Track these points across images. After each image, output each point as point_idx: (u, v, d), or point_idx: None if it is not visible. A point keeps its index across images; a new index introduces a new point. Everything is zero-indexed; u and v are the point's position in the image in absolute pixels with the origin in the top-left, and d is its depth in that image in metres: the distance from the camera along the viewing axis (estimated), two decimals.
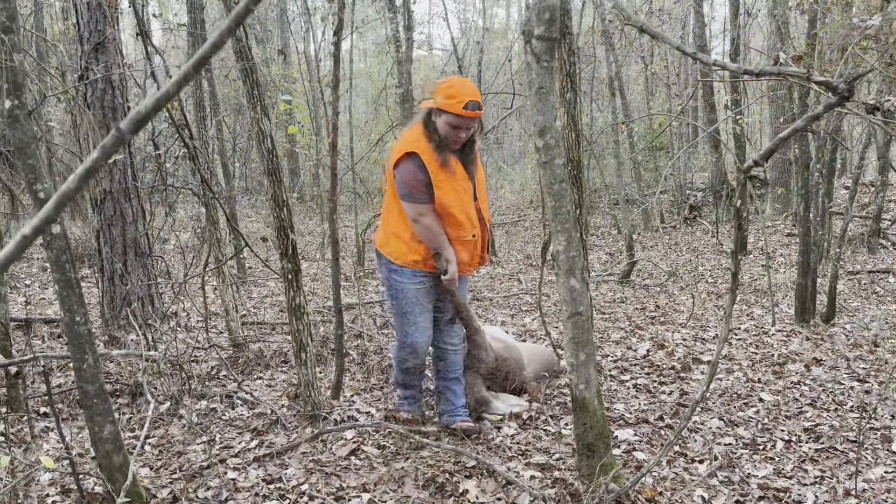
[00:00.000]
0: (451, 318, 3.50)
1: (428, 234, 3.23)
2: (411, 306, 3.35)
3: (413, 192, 3.18)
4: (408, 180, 3.17)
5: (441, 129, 3.15)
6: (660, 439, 3.34)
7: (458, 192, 3.21)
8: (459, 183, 3.23)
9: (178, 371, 3.92)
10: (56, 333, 5.34)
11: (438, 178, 3.16)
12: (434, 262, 3.28)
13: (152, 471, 3.12)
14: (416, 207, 3.20)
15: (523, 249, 11.56)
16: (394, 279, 3.35)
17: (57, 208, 0.69)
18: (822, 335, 5.20)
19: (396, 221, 3.34)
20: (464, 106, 3.07)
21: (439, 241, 3.24)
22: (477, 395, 3.65)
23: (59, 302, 2.57)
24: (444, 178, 3.18)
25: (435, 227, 3.22)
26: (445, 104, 3.08)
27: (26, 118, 2.46)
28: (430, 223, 3.21)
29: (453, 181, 3.20)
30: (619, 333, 5.31)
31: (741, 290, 7.79)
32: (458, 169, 3.24)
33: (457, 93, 3.07)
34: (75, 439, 3.46)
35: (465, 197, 3.26)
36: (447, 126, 3.13)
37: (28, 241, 0.68)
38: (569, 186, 2.56)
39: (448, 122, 3.11)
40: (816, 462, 3.09)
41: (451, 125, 3.12)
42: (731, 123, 7.76)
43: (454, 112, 3.08)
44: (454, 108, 3.07)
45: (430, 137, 3.16)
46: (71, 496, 2.86)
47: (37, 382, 4.23)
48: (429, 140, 3.16)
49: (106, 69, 5.10)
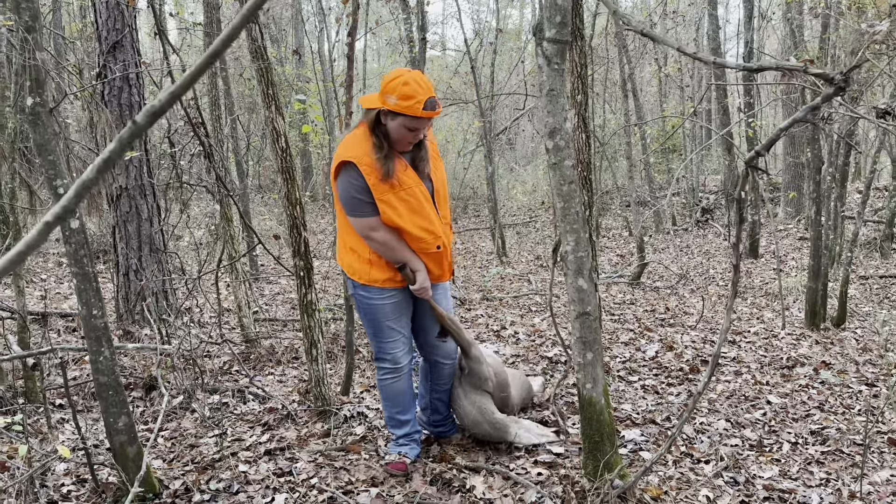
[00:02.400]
0: (441, 332, 3.10)
1: (384, 249, 2.83)
2: (384, 321, 2.96)
3: (355, 207, 2.76)
4: (347, 194, 2.76)
5: (394, 133, 2.73)
6: (666, 440, 3.36)
7: (408, 204, 2.78)
8: (411, 191, 2.79)
9: (192, 365, 3.98)
10: (71, 328, 5.42)
11: (381, 192, 2.74)
12: (400, 270, 2.89)
13: (165, 462, 3.18)
14: (363, 222, 2.79)
15: (534, 250, 11.58)
16: (360, 296, 2.96)
17: (77, 197, 0.73)
18: (831, 339, 5.20)
19: (352, 235, 2.92)
20: (423, 107, 2.65)
21: (399, 254, 2.84)
22: (490, 418, 3.16)
23: (77, 295, 2.63)
24: (387, 189, 2.75)
25: (390, 241, 2.81)
26: (401, 106, 2.64)
27: (47, 116, 2.52)
28: (384, 237, 2.79)
29: (400, 192, 2.76)
30: (628, 335, 5.33)
31: (752, 294, 7.79)
32: (407, 175, 2.80)
33: (413, 92, 2.63)
34: (90, 431, 3.53)
35: (420, 205, 2.81)
36: (402, 129, 2.71)
37: (50, 228, 0.72)
38: (578, 188, 2.59)
39: (405, 125, 2.69)
40: (822, 464, 3.10)
41: (409, 127, 2.70)
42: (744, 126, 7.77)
43: (412, 114, 2.65)
44: (412, 110, 2.64)
45: (377, 145, 2.73)
46: (86, 486, 2.92)
47: (52, 375, 4.31)
48: (374, 147, 2.73)
49: (123, 67, 5.18)
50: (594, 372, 2.66)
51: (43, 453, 3.03)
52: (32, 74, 2.44)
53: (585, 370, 2.66)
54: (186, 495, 2.84)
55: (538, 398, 3.79)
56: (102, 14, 5.22)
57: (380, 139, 2.73)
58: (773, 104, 13.77)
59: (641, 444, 3.29)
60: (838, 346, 4.99)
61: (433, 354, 3.16)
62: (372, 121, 2.75)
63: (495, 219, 10.78)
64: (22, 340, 3.87)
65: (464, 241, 13.32)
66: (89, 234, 8.23)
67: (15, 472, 2.90)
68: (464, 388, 3.19)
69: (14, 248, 0.70)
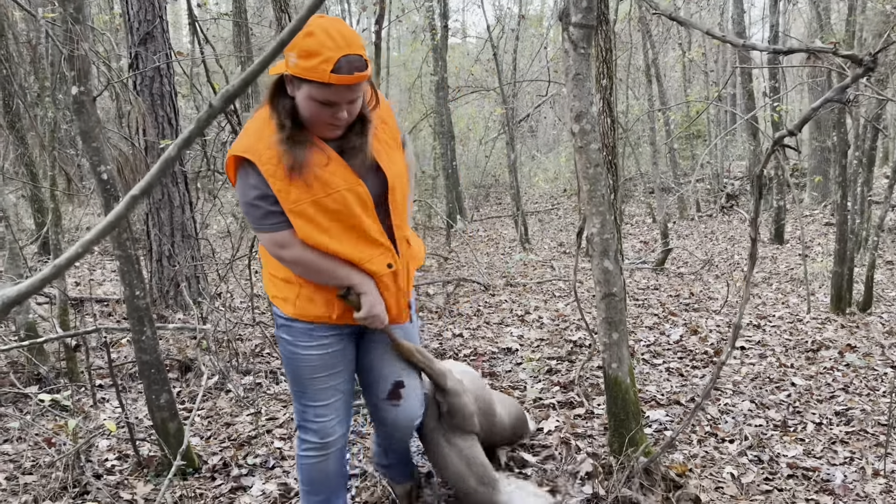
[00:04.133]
0: (392, 393, 2.22)
1: (306, 270, 2.02)
2: (312, 377, 2.15)
3: (258, 217, 1.95)
4: (245, 202, 1.95)
5: (303, 109, 1.87)
6: (692, 420, 3.41)
7: (335, 214, 1.96)
8: (338, 196, 1.95)
9: (226, 347, 4.09)
10: (107, 312, 5.58)
11: (292, 200, 1.91)
12: (343, 298, 2.06)
13: (203, 440, 3.29)
14: (270, 238, 1.98)
15: (556, 237, 11.61)
16: (282, 340, 2.17)
17: (159, 173, 0.80)
18: (857, 323, 5.20)
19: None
20: (333, 68, 1.77)
21: (329, 273, 2.01)
22: (478, 471, 2.44)
23: (120, 277, 2.74)
24: (300, 195, 1.91)
25: (310, 259, 1.99)
26: (302, 68, 1.79)
27: (91, 104, 2.62)
28: (301, 255, 1.98)
29: (322, 197, 1.93)
30: (653, 319, 5.36)
31: (777, 280, 7.77)
32: (331, 171, 1.94)
33: (318, 46, 1.76)
34: (130, 409, 3.66)
35: (352, 215, 1.98)
36: (311, 103, 1.84)
37: (135, 201, 0.80)
38: (604, 171, 2.64)
39: (312, 96, 1.83)
40: (846, 444, 3.14)
41: (319, 100, 1.83)
42: (770, 111, 7.72)
43: (318, 79, 1.78)
44: (317, 72, 1.77)
45: (280, 125, 1.88)
46: (128, 461, 3.04)
47: (92, 356, 4.45)
48: (278, 129, 1.88)
49: (155, 58, 5.29)
50: (619, 352, 2.72)
51: (87, 430, 3.16)
52: (77, 64, 2.54)
53: (611, 350, 2.72)
54: (224, 470, 2.95)
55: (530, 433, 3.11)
56: (134, 5, 5.33)
57: (280, 116, 1.88)
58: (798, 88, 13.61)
59: (666, 424, 3.35)
60: (864, 330, 4.99)
61: (386, 420, 2.26)
62: (271, 91, 1.90)
63: (518, 206, 10.82)
64: (63, 323, 4.02)
65: (486, 228, 13.38)
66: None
67: (61, 447, 3.03)
68: (444, 434, 2.45)
69: (105, 219, 0.78)
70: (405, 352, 2.24)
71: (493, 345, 4.66)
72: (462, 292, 6.47)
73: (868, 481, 2.79)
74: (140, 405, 3.68)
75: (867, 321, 5.28)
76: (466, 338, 4.86)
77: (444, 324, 5.26)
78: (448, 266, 8.33)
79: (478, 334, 4.96)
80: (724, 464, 2.93)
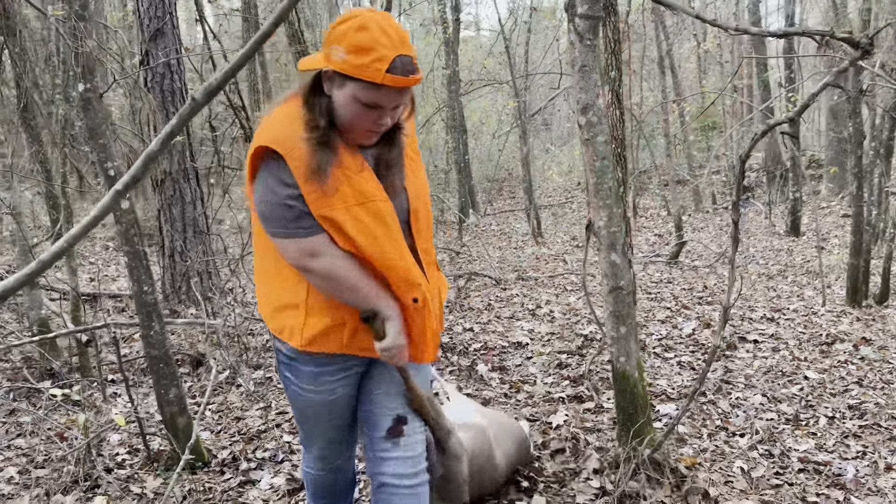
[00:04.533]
0: (391, 430, 1.92)
1: (335, 285, 1.74)
2: (317, 424, 2.02)
3: (285, 220, 1.70)
4: (272, 201, 1.70)
5: (342, 108, 1.66)
6: (701, 414, 3.38)
7: (371, 226, 1.73)
8: (374, 206, 1.73)
9: (236, 342, 4.12)
10: (120, 307, 5.63)
11: (322, 203, 1.69)
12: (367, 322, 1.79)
13: (213, 434, 3.32)
14: (300, 245, 1.72)
15: (569, 231, 11.56)
16: (285, 379, 1.96)
17: (144, 165, 0.80)
18: (873, 316, 5.13)
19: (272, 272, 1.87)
20: (388, 68, 1.58)
21: (360, 292, 1.75)
22: None
23: (128, 273, 2.75)
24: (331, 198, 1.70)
25: (343, 271, 1.73)
26: (353, 65, 1.59)
27: (97, 101, 2.63)
28: (334, 265, 1.72)
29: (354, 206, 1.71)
30: (665, 313, 5.33)
31: (793, 272, 7.69)
32: (366, 179, 1.74)
33: (372, 42, 1.58)
34: (140, 404, 3.69)
35: (388, 230, 1.75)
36: (355, 104, 1.64)
37: (120, 195, 0.79)
38: (611, 163, 2.61)
39: (359, 97, 1.63)
40: (859, 438, 3.10)
41: (364, 102, 1.63)
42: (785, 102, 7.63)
43: (370, 79, 1.59)
44: (371, 72, 1.58)
45: (309, 123, 1.66)
46: (138, 455, 3.07)
47: (104, 352, 4.49)
48: (310, 128, 1.66)
49: (165, 54, 5.32)
50: (627, 346, 2.70)
51: (98, 424, 3.19)
52: (83, 61, 2.55)
53: (619, 344, 2.70)
54: (234, 463, 2.97)
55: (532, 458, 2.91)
56: (144, 2, 5.35)
57: (314, 114, 1.66)
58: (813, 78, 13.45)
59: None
60: (880, 323, 4.93)
61: (380, 467, 1.93)
62: (308, 87, 1.69)
63: (530, 199, 10.79)
64: (75, 318, 4.05)
65: (499, 222, 13.35)
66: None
67: (73, 441, 3.07)
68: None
69: (91, 214, 0.78)
70: (416, 399, 1.94)
71: (503, 339, 4.65)
72: (473, 286, 6.46)
73: (880, 476, 2.76)
74: (151, 400, 3.70)
75: (883, 314, 5.22)
76: (477, 332, 4.85)
77: (454, 318, 5.25)
78: (460, 260, 8.32)
79: (488, 328, 4.95)
80: (735, 458, 2.91)
